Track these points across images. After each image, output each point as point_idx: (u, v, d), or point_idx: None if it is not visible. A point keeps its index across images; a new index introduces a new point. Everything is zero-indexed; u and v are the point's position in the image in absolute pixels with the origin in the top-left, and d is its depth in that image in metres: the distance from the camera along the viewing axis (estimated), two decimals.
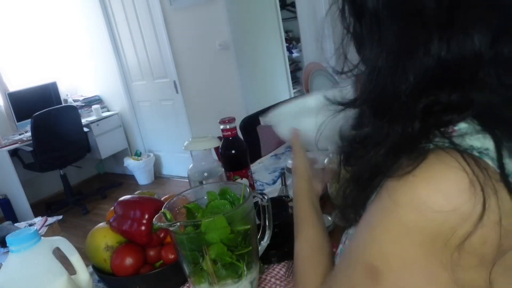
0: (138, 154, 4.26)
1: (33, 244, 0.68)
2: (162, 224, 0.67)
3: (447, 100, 0.42)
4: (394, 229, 0.41)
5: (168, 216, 0.69)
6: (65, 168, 3.84)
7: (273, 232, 0.78)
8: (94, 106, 4.15)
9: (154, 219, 0.68)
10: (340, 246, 0.61)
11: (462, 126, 0.42)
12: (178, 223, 0.66)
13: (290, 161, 1.31)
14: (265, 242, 0.77)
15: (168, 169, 4.28)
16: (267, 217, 0.77)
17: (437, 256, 0.40)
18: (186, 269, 0.70)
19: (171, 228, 0.66)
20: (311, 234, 0.65)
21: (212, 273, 0.66)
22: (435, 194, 0.39)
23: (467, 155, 0.39)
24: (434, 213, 0.38)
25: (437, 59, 0.41)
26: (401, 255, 0.41)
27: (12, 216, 3.60)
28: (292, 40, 4.42)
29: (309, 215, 0.67)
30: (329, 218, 0.97)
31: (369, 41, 0.45)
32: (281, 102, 1.01)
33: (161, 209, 0.70)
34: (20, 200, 3.61)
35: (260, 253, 0.76)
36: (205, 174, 1.00)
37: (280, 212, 0.95)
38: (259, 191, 0.83)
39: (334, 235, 0.92)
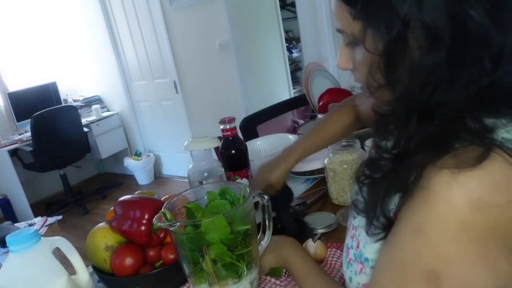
0: (138, 154, 4.26)
1: (33, 244, 0.68)
2: (162, 224, 0.67)
3: (492, 95, 0.44)
4: (451, 230, 0.41)
5: (168, 216, 0.69)
6: (65, 168, 3.84)
7: (275, 228, 0.78)
8: (94, 106, 4.15)
9: (154, 219, 0.68)
10: (348, 238, 0.61)
11: (491, 121, 0.44)
12: (178, 223, 0.66)
13: None
14: (265, 242, 0.77)
15: (168, 169, 4.28)
16: (267, 217, 0.77)
17: (496, 248, 0.41)
18: (186, 269, 0.70)
19: (171, 228, 0.66)
20: None
21: (212, 273, 0.66)
22: (488, 189, 0.40)
23: (505, 147, 0.41)
24: (490, 208, 0.40)
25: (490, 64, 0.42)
26: (461, 254, 0.41)
27: (12, 216, 3.60)
28: (292, 40, 4.42)
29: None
30: (332, 216, 0.97)
31: (425, 53, 0.44)
32: None
33: (161, 209, 0.70)
34: (20, 200, 3.61)
35: (260, 253, 0.76)
36: (205, 174, 1.00)
37: (285, 200, 0.95)
38: (259, 191, 0.82)
39: (337, 233, 0.92)
